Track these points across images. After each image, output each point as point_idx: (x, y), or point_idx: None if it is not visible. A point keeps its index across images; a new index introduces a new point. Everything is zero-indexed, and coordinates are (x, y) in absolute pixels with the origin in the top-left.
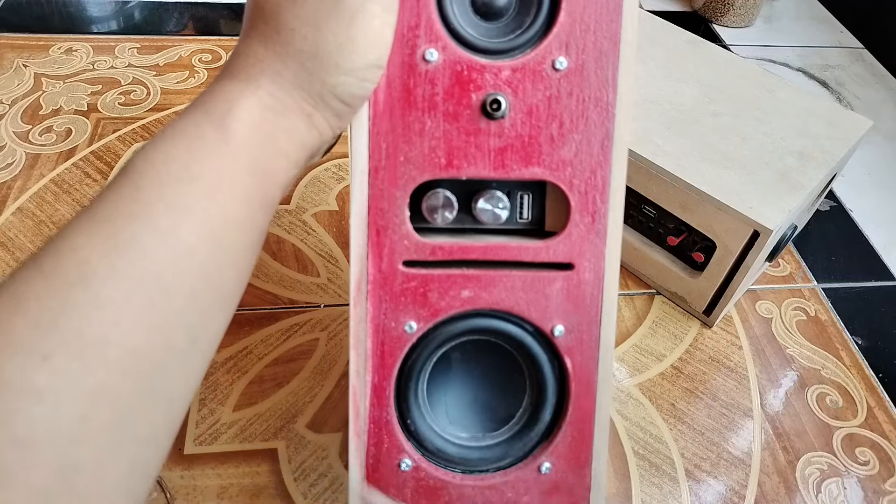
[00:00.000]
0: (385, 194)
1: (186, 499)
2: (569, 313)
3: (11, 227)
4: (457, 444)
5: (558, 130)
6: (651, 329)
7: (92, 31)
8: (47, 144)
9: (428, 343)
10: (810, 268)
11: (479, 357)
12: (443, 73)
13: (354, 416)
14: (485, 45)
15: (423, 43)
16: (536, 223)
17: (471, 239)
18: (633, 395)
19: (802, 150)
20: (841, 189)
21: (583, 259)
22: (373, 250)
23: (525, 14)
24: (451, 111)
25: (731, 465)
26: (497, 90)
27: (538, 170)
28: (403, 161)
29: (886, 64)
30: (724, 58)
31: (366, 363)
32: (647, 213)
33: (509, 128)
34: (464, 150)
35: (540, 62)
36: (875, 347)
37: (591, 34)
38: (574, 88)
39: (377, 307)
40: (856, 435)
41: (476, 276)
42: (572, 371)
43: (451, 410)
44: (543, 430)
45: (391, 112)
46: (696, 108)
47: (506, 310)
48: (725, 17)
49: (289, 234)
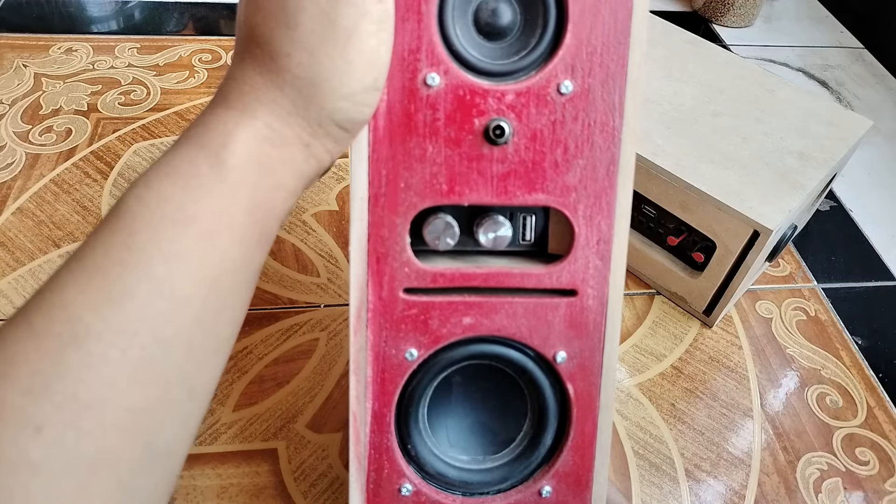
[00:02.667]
0: (385, 221)
1: (186, 499)
2: (571, 340)
3: (11, 227)
4: (457, 468)
5: (563, 156)
6: (651, 329)
7: (92, 31)
8: (47, 144)
9: (429, 369)
10: (810, 268)
11: (481, 380)
12: (444, 98)
13: (355, 441)
14: (488, 67)
15: (425, 67)
16: (539, 245)
17: (472, 264)
18: (633, 395)
19: (802, 150)
20: (841, 189)
21: (586, 285)
22: (373, 278)
23: (530, 34)
24: (453, 137)
25: (731, 465)
26: (500, 115)
27: (542, 196)
28: (404, 188)
29: (886, 64)
30: (724, 58)
31: (366, 390)
32: (646, 213)
33: (513, 153)
34: (466, 176)
35: (545, 86)
36: (875, 347)
37: (598, 57)
38: (579, 113)
39: (377, 335)
40: (856, 435)
41: (478, 303)
42: (574, 397)
43: (452, 433)
44: (545, 454)
45: (391, 138)
46: (696, 108)
47: (507, 337)
48: (725, 17)
49: (289, 234)
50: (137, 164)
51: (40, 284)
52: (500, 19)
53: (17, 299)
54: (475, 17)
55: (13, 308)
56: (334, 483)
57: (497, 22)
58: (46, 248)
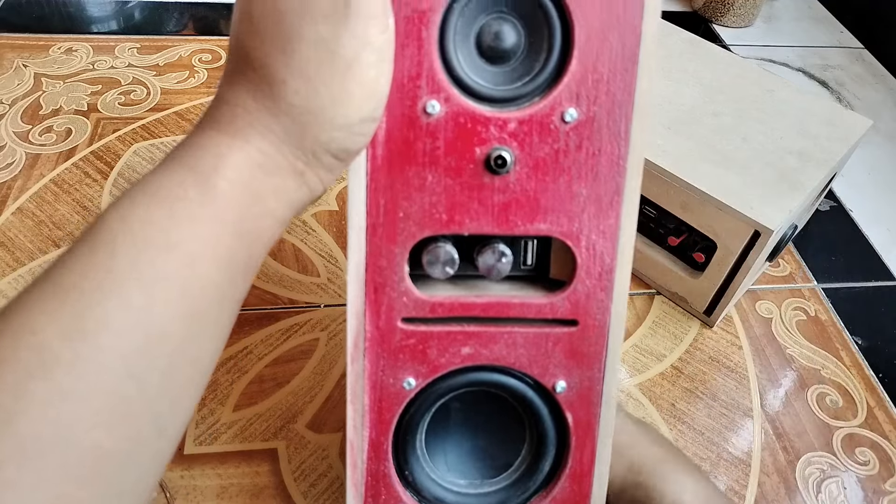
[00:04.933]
0: (383, 251)
1: (186, 499)
2: (571, 369)
3: (11, 227)
4: (455, 492)
5: (566, 185)
6: (651, 329)
7: (92, 31)
8: (47, 144)
9: (427, 397)
10: (810, 268)
11: (479, 405)
12: (445, 127)
13: (352, 468)
14: (491, 92)
15: (425, 94)
16: (540, 270)
17: (472, 292)
18: (633, 395)
19: (802, 150)
20: (841, 189)
21: (588, 316)
22: (370, 307)
23: (534, 58)
24: (454, 166)
25: (731, 465)
26: (502, 144)
27: (544, 226)
28: (403, 217)
29: (886, 64)
30: (724, 58)
31: (363, 418)
32: (647, 213)
33: (514, 182)
34: (466, 205)
35: (548, 114)
36: (875, 347)
37: (605, 84)
38: (584, 142)
39: (374, 364)
40: (856, 435)
41: (477, 333)
42: (573, 425)
43: (450, 457)
44: (542, 481)
45: (390, 167)
46: (697, 108)
47: (507, 366)
48: (725, 17)
49: (289, 234)
50: (137, 164)
51: (8, 300)
52: (504, 42)
53: None
54: (478, 40)
55: None
56: (334, 483)
57: (500, 45)
58: (46, 248)
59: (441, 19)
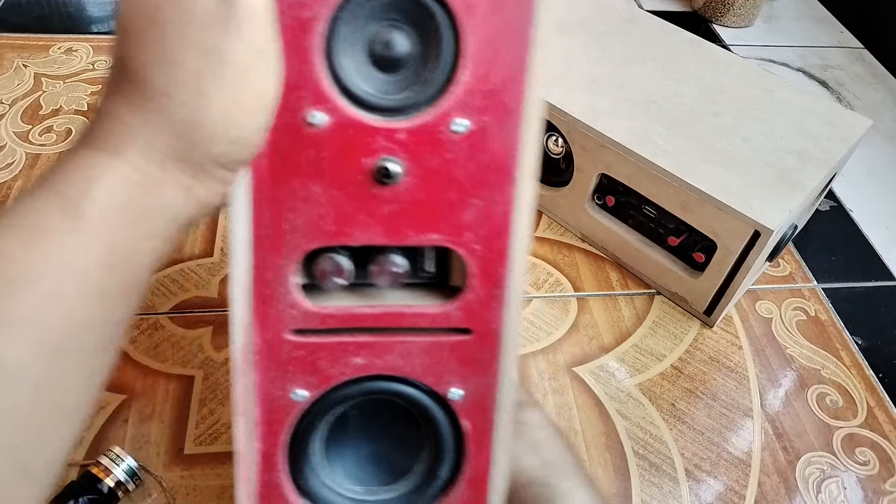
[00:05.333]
0: (269, 264)
1: (186, 499)
2: (466, 377)
3: None
4: (351, 499)
5: (457, 196)
6: (651, 329)
7: (92, 31)
8: (47, 144)
9: (321, 408)
10: (810, 268)
11: (378, 412)
12: (330, 137)
13: (244, 481)
14: (380, 102)
15: (308, 105)
16: (441, 277)
17: (366, 301)
18: (633, 395)
19: (802, 150)
20: (841, 189)
21: (480, 324)
22: (258, 320)
23: (425, 67)
24: (341, 177)
25: (731, 465)
26: (391, 154)
27: (436, 236)
28: (289, 229)
29: (886, 64)
30: (724, 58)
31: (253, 431)
32: (647, 213)
33: (404, 193)
34: (354, 217)
35: (437, 124)
36: (875, 347)
37: (495, 94)
38: (475, 152)
39: (264, 376)
40: (856, 435)
41: (369, 343)
42: (469, 432)
43: (349, 465)
44: (440, 486)
45: (274, 178)
46: (696, 108)
47: (401, 376)
48: (725, 17)
49: None
50: None
51: None
52: (394, 51)
53: None
54: (369, 49)
55: None
56: None
57: (390, 53)
58: None
59: (327, 27)
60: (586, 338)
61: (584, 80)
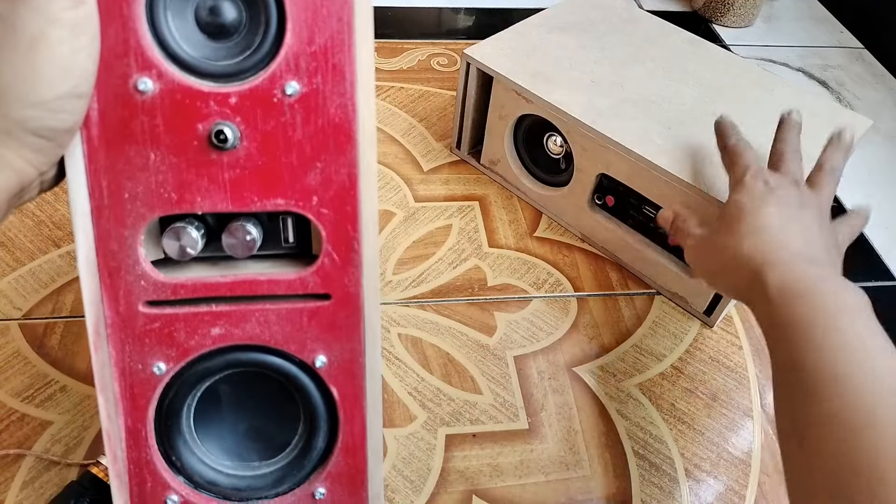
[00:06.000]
0: (113, 235)
1: None
2: (330, 343)
3: (11, 227)
4: (229, 475)
5: (298, 159)
6: (651, 329)
7: None
8: None
9: (184, 381)
10: None
11: (251, 386)
12: (161, 103)
13: (112, 459)
14: (210, 68)
15: (135, 71)
16: (303, 247)
17: (221, 272)
18: (633, 395)
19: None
20: (841, 189)
21: (339, 289)
22: (107, 293)
23: (255, 33)
24: (176, 143)
25: (731, 465)
26: (224, 119)
27: (281, 201)
28: (129, 198)
29: (886, 64)
30: (724, 58)
31: (116, 407)
32: (647, 213)
33: (244, 158)
34: (195, 183)
35: (269, 87)
36: None
37: (324, 56)
38: (311, 114)
39: (120, 350)
40: None
41: (226, 313)
42: (339, 399)
43: (227, 441)
44: (318, 457)
45: (108, 147)
46: (697, 107)
47: (262, 344)
48: (725, 17)
49: None
50: None
51: None
52: (220, 17)
53: (17, 299)
54: (196, 15)
55: (13, 308)
56: None
57: (216, 20)
58: (46, 248)
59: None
60: (586, 338)
61: (585, 81)
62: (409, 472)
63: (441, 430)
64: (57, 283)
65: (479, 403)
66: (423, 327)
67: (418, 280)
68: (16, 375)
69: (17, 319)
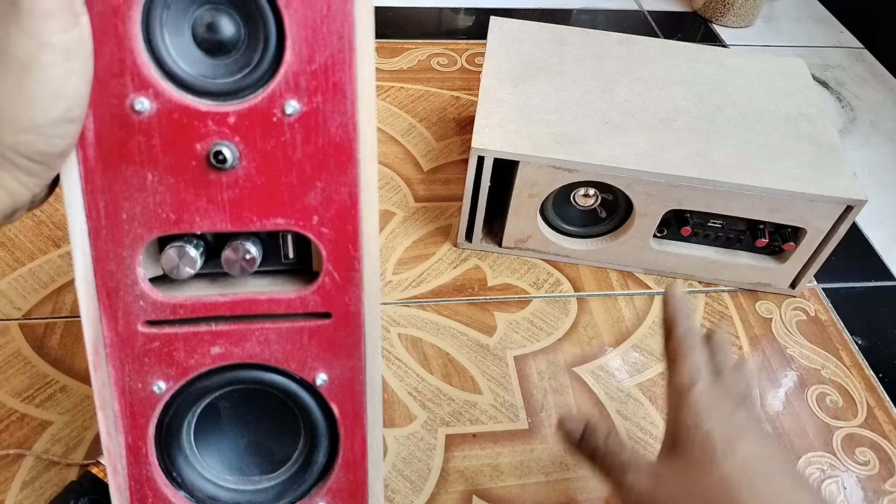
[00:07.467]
0: (111, 255)
1: None
2: (330, 362)
3: (11, 227)
4: (231, 489)
5: (298, 178)
6: (651, 329)
7: None
8: None
9: (185, 399)
10: None
11: (251, 401)
12: (159, 123)
13: (112, 473)
14: (208, 86)
15: (131, 91)
16: (302, 262)
17: (220, 290)
18: (633, 395)
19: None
20: None
21: (340, 308)
22: (106, 313)
23: (254, 50)
24: (174, 163)
25: None
26: (223, 139)
27: (281, 220)
28: (127, 219)
29: (886, 64)
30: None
31: (116, 424)
32: (713, 227)
33: (244, 178)
34: (194, 203)
35: (268, 106)
36: (875, 347)
37: (324, 74)
38: (311, 133)
39: (119, 370)
40: (856, 435)
41: (226, 332)
42: (340, 416)
43: (227, 456)
44: (318, 472)
45: (105, 167)
46: (704, 109)
47: (262, 363)
48: (725, 17)
49: None
50: None
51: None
52: (218, 34)
53: (17, 299)
54: (194, 33)
55: (13, 308)
56: None
57: (214, 37)
58: (46, 248)
59: (144, 12)
60: (586, 338)
61: (600, 123)
62: (409, 472)
63: (441, 430)
64: (57, 283)
65: (479, 403)
66: (423, 327)
67: (418, 280)
68: (16, 375)
69: (17, 319)
